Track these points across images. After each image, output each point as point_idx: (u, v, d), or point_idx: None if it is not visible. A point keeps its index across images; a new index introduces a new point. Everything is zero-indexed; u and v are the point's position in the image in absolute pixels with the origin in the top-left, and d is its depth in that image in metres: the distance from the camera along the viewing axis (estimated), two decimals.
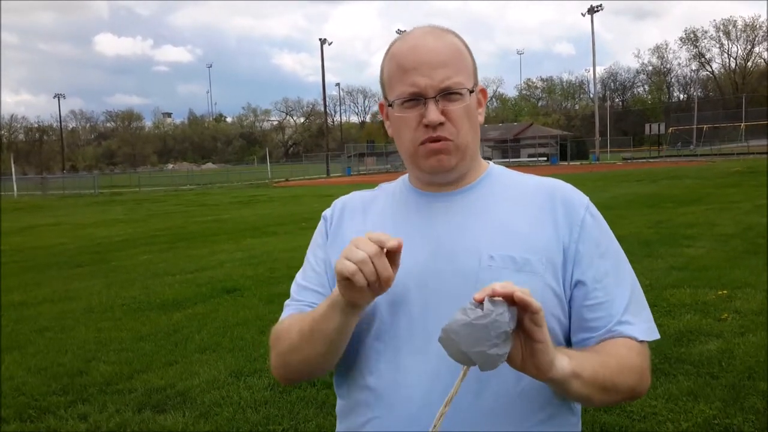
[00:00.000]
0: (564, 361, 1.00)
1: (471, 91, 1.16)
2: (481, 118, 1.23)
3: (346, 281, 1.01)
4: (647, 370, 1.16)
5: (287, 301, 1.31)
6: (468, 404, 1.10)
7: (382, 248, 1.00)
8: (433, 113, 1.13)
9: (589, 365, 1.05)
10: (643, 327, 1.16)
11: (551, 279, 1.14)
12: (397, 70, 1.16)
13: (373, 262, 0.99)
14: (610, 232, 1.22)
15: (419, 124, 1.15)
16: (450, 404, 0.96)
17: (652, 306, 4.85)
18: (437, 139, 1.15)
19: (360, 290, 1.02)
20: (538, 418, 1.13)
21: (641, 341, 1.14)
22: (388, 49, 1.21)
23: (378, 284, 1.01)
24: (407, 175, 1.30)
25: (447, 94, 1.14)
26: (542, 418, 1.13)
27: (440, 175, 1.20)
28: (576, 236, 1.16)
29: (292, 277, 1.34)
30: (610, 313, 1.14)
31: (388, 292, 1.13)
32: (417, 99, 1.14)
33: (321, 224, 1.33)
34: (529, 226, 1.17)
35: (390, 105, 1.19)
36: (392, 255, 1.03)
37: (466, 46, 1.21)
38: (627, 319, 1.14)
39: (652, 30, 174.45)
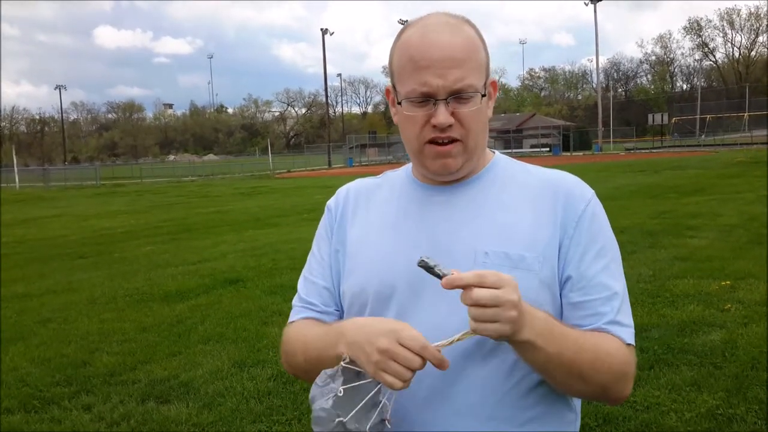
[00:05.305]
0: (524, 333, 0.98)
1: (483, 95, 1.13)
2: (489, 112, 1.20)
3: None
4: (629, 377, 1.11)
5: (295, 300, 1.30)
6: (458, 400, 1.10)
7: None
8: (442, 115, 1.10)
9: (558, 343, 1.02)
10: (631, 331, 1.13)
11: (548, 277, 1.12)
12: (409, 63, 1.12)
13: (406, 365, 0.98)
14: (610, 231, 1.19)
15: (427, 123, 1.12)
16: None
17: (656, 296, 4.83)
18: (444, 140, 1.13)
19: None
20: (530, 414, 1.12)
21: (629, 345, 1.11)
22: (400, 35, 1.17)
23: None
24: (411, 165, 1.28)
25: (458, 96, 1.11)
26: (534, 415, 1.12)
27: (445, 176, 1.19)
28: (571, 232, 1.14)
29: (294, 268, 1.34)
30: (600, 311, 1.11)
31: (381, 289, 1.14)
32: (427, 99, 1.11)
33: (325, 216, 1.32)
34: (528, 222, 1.14)
35: (399, 103, 1.16)
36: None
37: (481, 38, 1.17)
38: (619, 320, 1.11)
39: (651, 20, 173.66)
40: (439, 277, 0.96)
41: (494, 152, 1.28)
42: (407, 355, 0.96)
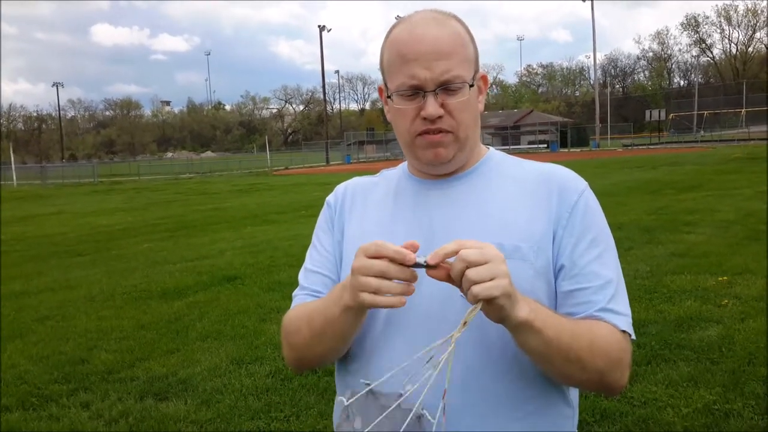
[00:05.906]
0: (521, 309, 0.99)
1: (471, 85, 1.15)
2: (481, 107, 1.22)
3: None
4: (625, 364, 1.12)
5: (296, 291, 1.31)
6: (455, 395, 1.10)
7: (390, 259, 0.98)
8: (431, 107, 1.12)
9: (554, 326, 1.03)
10: (626, 319, 1.14)
11: (543, 266, 1.13)
12: (397, 58, 1.14)
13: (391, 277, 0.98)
14: (604, 221, 1.20)
15: (417, 116, 1.14)
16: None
17: (653, 292, 4.83)
18: (435, 132, 1.14)
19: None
20: (529, 408, 1.13)
21: (623, 331, 1.12)
22: (389, 33, 1.19)
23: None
24: (407, 162, 1.30)
25: (446, 87, 1.12)
26: (533, 409, 1.13)
27: (437, 167, 1.20)
28: (564, 222, 1.15)
29: (292, 265, 1.35)
30: (592, 300, 1.12)
31: None
32: (416, 91, 1.13)
33: (325, 210, 1.33)
34: (522, 214, 1.16)
35: (389, 96, 1.17)
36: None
37: (469, 33, 1.19)
38: (611, 308, 1.12)
39: (648, 16, 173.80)
40: (424, 264, 0.97)
41: (488, 148, 1.29)
42: (368, 262, 0.96)
